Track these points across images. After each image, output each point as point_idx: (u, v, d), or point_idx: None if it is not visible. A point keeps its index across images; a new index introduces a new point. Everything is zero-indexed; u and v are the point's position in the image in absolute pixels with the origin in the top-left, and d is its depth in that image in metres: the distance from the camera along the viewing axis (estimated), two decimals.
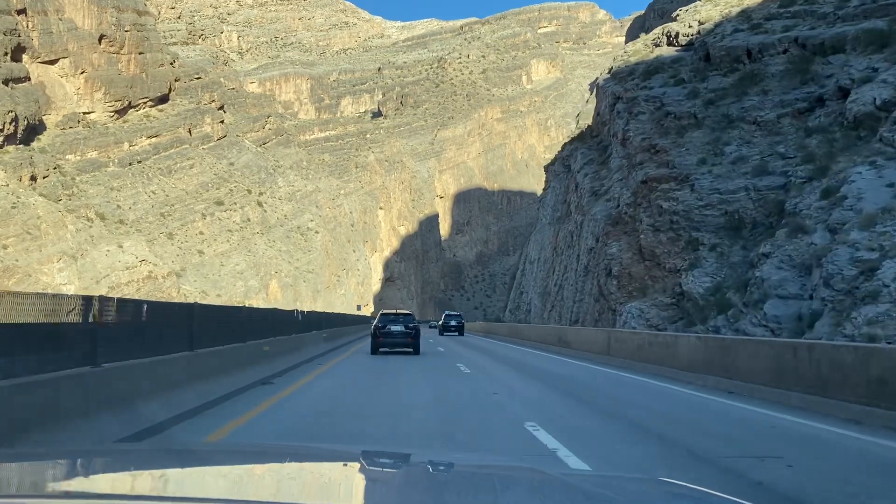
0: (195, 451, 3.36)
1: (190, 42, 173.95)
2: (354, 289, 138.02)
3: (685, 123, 38.59)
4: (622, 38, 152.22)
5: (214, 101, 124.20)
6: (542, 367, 21.44)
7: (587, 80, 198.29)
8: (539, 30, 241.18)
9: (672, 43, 51.12)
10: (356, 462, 2.74)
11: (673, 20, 55.23)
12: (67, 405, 7.23)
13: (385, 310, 30.34)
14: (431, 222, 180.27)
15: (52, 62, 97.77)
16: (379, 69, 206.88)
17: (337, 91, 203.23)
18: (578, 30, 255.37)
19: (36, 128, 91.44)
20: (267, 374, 15.27)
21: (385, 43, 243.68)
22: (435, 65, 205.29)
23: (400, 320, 26.62)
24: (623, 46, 73.95)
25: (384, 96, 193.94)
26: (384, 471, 2.64)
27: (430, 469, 2.69)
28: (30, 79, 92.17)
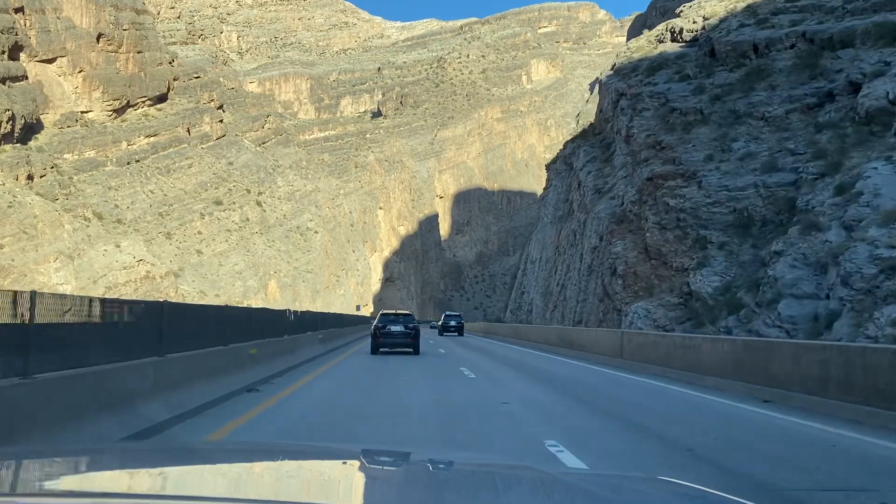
0: (195, 450, 3.36)
1: (189, 42, 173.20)
2: (354, 289, 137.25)
3: (691, 119, 37.88)
4: (622, 38, 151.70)
5: (213, 101, 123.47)
6: (553, 371, 20.55)
7: (587, 80, 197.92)
8: (539, 30, 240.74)
9: (676, 39, 50.57)
10: (356, 461, 2.73)
11: (676, 17, 54.59)
12: None
13: (385, 310, 30.80)
14: (431, 222, 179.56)
15: (50, 61, 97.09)
16: (379, 69, 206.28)
17: (337, 91, 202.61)
18: (578, 30, 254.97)
19: (33, 127, 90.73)
20: (253, 380, 14.03)
21: (385, 43, 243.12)
22: (435, 65, 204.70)
23: (400, 320, 26.74)
24: (625, 44, 73.27)
25: (384, 96, 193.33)
26: (384, 469, 2.64)
27: (430, 468, 2.65)
28: (27, 77, 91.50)
